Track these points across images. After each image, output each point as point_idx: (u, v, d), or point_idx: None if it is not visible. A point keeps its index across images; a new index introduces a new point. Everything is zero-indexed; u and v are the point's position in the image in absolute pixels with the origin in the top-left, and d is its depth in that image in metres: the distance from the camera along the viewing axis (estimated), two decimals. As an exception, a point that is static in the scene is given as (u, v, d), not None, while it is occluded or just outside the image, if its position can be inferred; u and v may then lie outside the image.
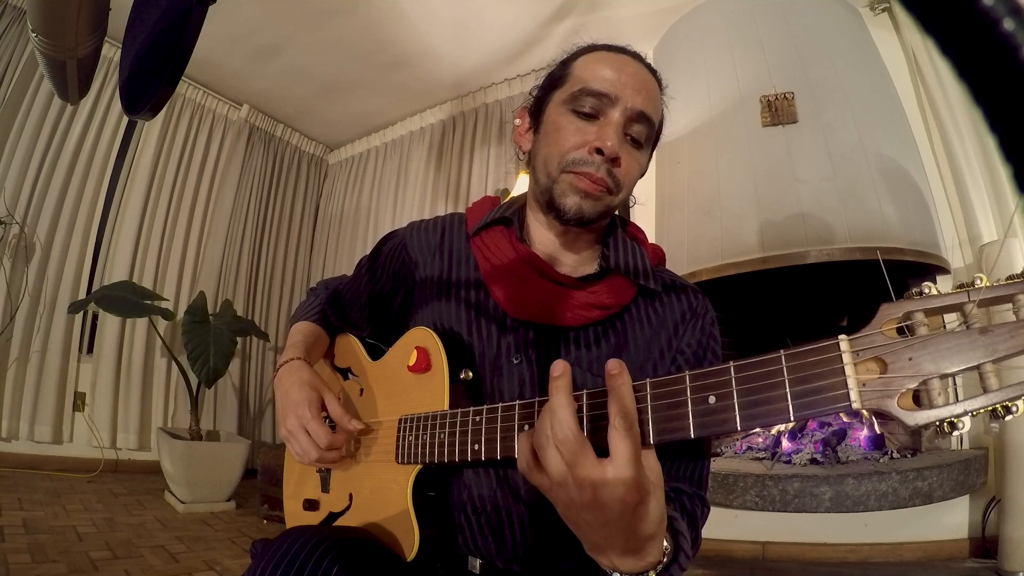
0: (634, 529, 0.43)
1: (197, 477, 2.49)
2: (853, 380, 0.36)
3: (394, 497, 0.65)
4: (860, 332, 0.37)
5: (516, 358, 0.67)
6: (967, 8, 0.13)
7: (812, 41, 2.39)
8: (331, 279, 0.93)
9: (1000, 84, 0.13)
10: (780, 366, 0.39)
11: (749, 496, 1.96)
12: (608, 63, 0.68)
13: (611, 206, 0.68)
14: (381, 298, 0.81)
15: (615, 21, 2.76)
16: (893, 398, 0.35)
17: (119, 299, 2.61)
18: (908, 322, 0.37)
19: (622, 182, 0.67)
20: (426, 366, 0.65)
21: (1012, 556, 1.74)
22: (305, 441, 0.70)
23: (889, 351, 0.36)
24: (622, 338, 0.69)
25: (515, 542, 0.63)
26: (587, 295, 0.68)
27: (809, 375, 0.38)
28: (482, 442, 0.55)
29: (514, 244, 0.71)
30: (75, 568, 1.55)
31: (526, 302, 0.68)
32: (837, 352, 0.37)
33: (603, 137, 0.64)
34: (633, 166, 0.68)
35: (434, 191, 3.47)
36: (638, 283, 0.70)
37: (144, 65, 0.51)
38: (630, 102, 0.65)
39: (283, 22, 2.85)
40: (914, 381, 0.35)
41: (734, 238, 2.26)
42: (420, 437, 0.63)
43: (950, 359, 0.34)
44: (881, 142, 2.21)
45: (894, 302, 0.38)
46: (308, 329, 0.84)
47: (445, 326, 0.71)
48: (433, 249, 0.77)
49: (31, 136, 2.78)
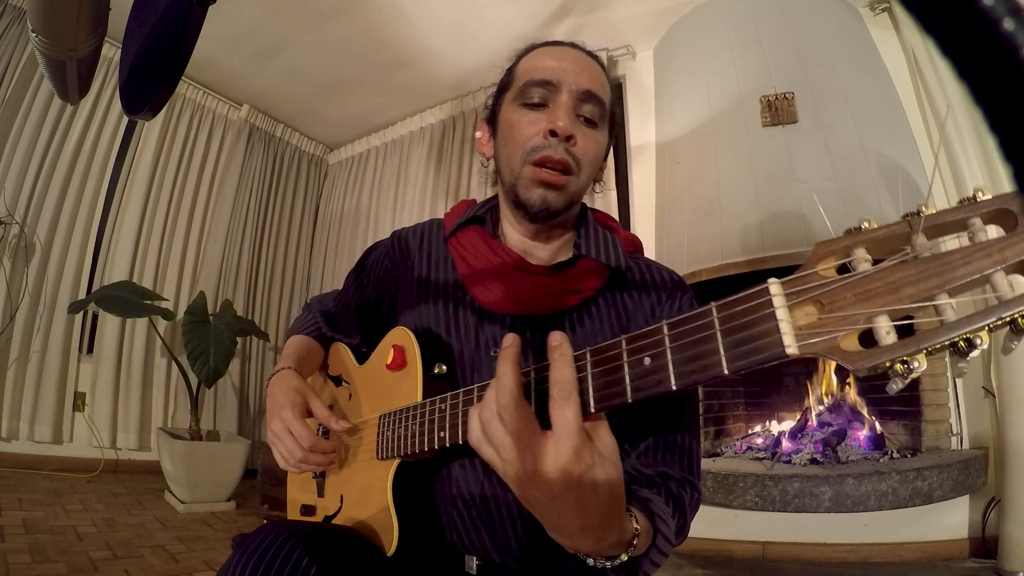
0: (583, 504, 0.42)
1: (197, 477, 2.49)
2: (787, 324, 0.33)
3: (377, 493, 0.66)
4: (794, 274, 0.34)
5: (494, 351, 0.68)
6: (967, 8, 0.13)
7: (812, 41, 2.39)
8: (324, 294, 0.96)
9: (1000, 84, 0.13)
10: (711, 318, 0.37)
11: (749, 496, 1.96)
12: (547, 54, 0.72)
13: (575, 191, 0.70)
14: (368, 307, 0.84)
15: (615, 21, 2.76)
16: (835, 341, 0.32)
17: (119, 299, 2.61)
18: (848, 258, 0.33)
19: (581, 160, 0.68)
20: (402, 363, 0.67)
21: (1012, 556, 1.74)
22: (289, 442, 0.71)
23: (827, 291, 0.33)
24: (598, 323, 0.70)
25: (507, 535, 0.63)
26: (560, 282, 0.70)
27: (740, 324, 0.35)
28: (447, 428, 0.56)
29: (487, 241, 0.73)
30: (75, 568, 1.55)
31: (502, 296, 0.69)
32: (768, 297, 0.34)
33: (554, 119, 0.67)
34: (590, 144, 0.69)
35: (434, 191, 3.47)
36: (610, 267, 0.71)
37: (144, 65, 0.51)
38: (574, 84, 0.68)
39: (283, 22, 2.85)
40: (857, 320, 0.31)
41: (734, 238, 2.26)
42: (396, 431, 0.64)
43: (896, 293, 0.30)
44: (881, 142, 2.21)
45: (830, 239, 0.34)
46: (300, 342, 0.88)
47: (424, 326, 0.73)
48: (414, 254, 0.80)
49: (31, 136, 2.77)
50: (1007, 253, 0.28)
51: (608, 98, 0.72)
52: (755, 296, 0.35)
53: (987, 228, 0.30)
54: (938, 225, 0.31)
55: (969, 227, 0.30)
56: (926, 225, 0.31)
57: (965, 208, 0.31)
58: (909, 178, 2.20)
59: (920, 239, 0.31)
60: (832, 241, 0.34)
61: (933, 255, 0.30)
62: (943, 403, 2.06)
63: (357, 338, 0.87)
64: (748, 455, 2.29)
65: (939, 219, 0.31)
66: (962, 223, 0.31)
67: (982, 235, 0.30)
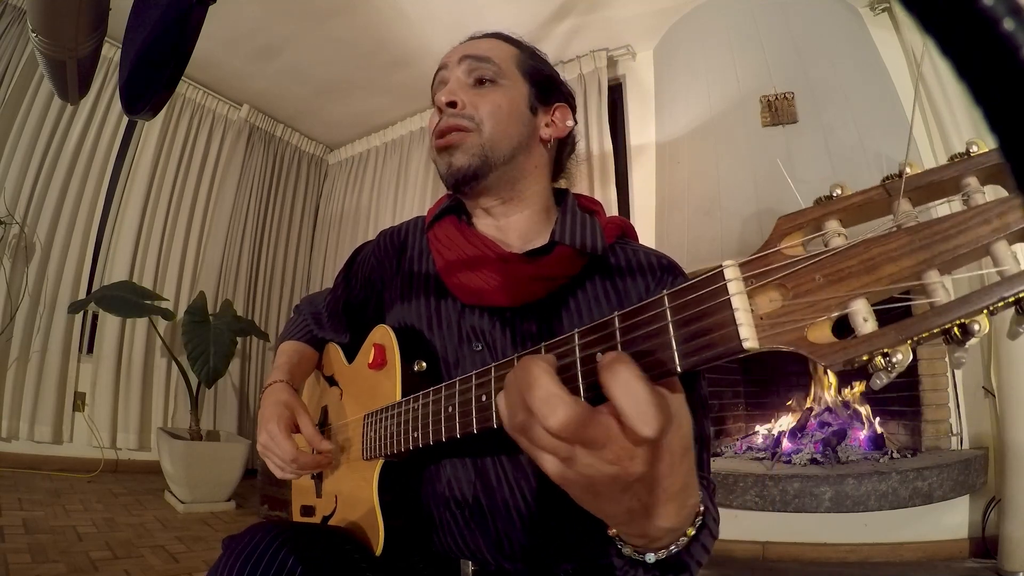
0: (673, 466, 0.33)
1: (197, 477, 2.49)
2: (744, 314, 0.28)
3: (364, 494, 0.66)
4: (754, 253, 0.29)
5: (477, 345, 0.68)
6: (967, 8, 0.13)
7: (812, 41, 2.39)
8: (314, 294, 0.96)
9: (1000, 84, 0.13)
10: (663, 308, 0.32)
11: (749, 496, 1.96)
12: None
13: (480, 145, 0.68)
14: (357, 306, 0.84)
15: (615, 21, 2.76)
16: (802, 332, 0.27)
17: (119, 299, 2.61)
18: (819, 233, 0.28)
19: (475, 116, 0.69)
20: (382, 361, 0.67)
21: (1012, 556, 1.74)
22: (274, 456, 0.73)
23: (792, 273, 0.27)
24: (575, 313, 0.67)
25: (502, 537, 0.62)
26: (532, 268, 0.67)
27: (694, 314, 0.30)
28: (419, 428, 0.56)
29: (461, 229, 0.73)
30: (75, 568, 1.55)
31: (477, 287, 0.68)
32: (723, 282, 0.29)
33: (437, 99, 0.70)
34: (481, 101, 0.69)
35: (434, 191, 3.47)
36: (586, 253, 0.68)
37: (144, 65, 0.51)
38: (456, 57, 0.72)
39: (283, 22, 2.85)
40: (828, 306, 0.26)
41: (734, 238, 2.26)
42: (377, 431, 0.65)
43: (875, 272, 0.25)
44: (881, 142, 2.21)
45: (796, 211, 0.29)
46: (292, 348, 0.88)
47: (407, 323, 0.73)
48: (398, 252, 0.80)
49: (31, 136, 2.77)
50: (1009, 218, 0.23)
51: (504, 55, 0.73)
52: (709, 282, 0.30)
53: (984, 189, 0.25)
54: (925, 187, 0.26)
55: (963, 188, 0.25)
56: (910, 188, 0.26)
57: (957, 165, 0.25)
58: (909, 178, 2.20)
59: (903, 205, 0.26)
60: (797, 213, 0.29)
61: (920, 224, 0.25)
62: (943, 403, 2.06)
63: (347, 337, 0.87)
64: (748, 455, 2.29)
65: (926, 179, 0.26)
66: (954, 183, 0.25)
67: (979, 197, 0.24)
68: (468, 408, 0.48)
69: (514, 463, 0.62)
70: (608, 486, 0.33)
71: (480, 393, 0.47)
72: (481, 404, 0.47)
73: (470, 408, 0.48)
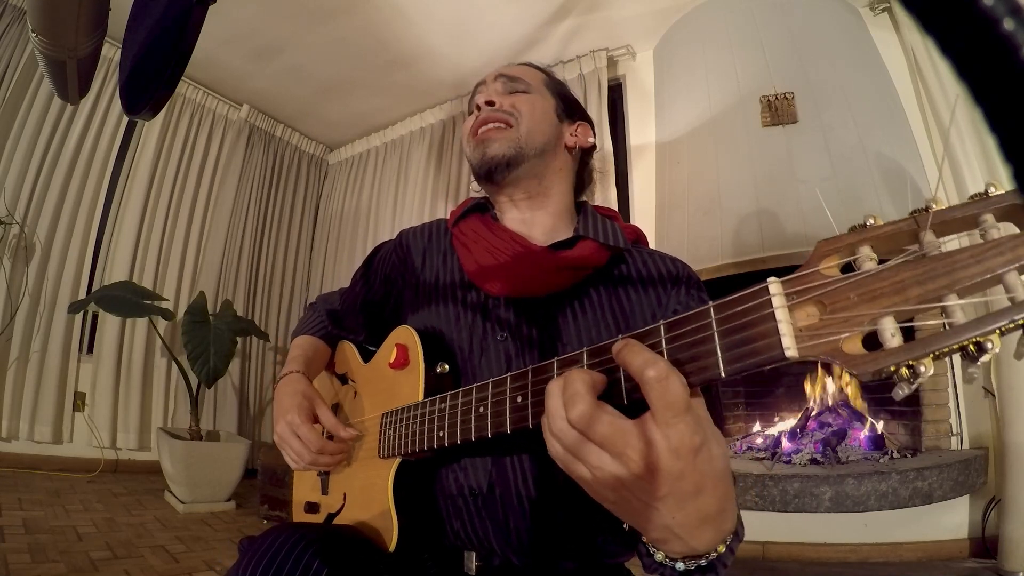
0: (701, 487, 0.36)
1: (197, 477, 2.49)
2: (786, 326, 0.31)
3: (379, 492, 0.66)
4: (795, 273, 0.33)
5: (501, 335, 0.69)
6: (967, 8, 0.13)
7: (812, 41, 2.39)
8: (329, 293, 0.97)
9: (1000, 84, 0.13)
10: (709, 319, 0.35)
11: (749, 496, 1.96)
12: None
13: (517, 138, 0.74)
14: (375, 304, 0.85)
15: (615, 21, 2.76)
16: (837, 344, 0.30)
17: (119, 299, 2.61)
18: (852, 257, 0.31)
19: (514, 112, 0.76)
20: (404, 361, 0.68)
21: (1012, 556, 1.74)
22: (297, 445, 0.72)
23: (829, 291, 0.31)
24: (599, 306, 0.70)
25: (511, 528, 0.63)
26: (557, 259, 0.70)
27: (739, 325, 0.34)
28: (446, 427, 0.56)
29: (487, 224, 0.77)
30: (75, 568, 1.55)
31: (502, 279, 0.70)
32: (767, 296, 0.33)
33: (478, 101, 0.79)
34: (521, 99, 0.77)
35: (434, 191, 3.47)
36: (609, 246, 0.73)
37: (144, 65, 0.51)
38: (491, 76, 0.81)
39: (283, 22, 2.85)
40: (860, 322, 0.30)
41: (734, 238, 2.26)
42: (397, 430, 0.65)
43: (903, 294, 0.28)
44: (881, 142, 2.21)
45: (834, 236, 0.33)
46: (306, 343, 0.88)
47: (430, 323, 0.74)
48: (421, 251, 0.82)
49: (31, 136, 2.77)
50: (1021, 251, 0.26)
51: (534, 77, 0.82)
52: (754, 296, 0.34)
53: (1000, 225, 0.28)
54: (948, 222, 0.29)
55: (980, 224, 0.28)
56: (935, 222, 0.29)
57: (976, 204, 0.29)
58: (909, 178, 2.20)
59: (928, 236, 0.29)
60: (835, 239, 0.32)
61: (942, 253, 0.28)
62: (943, 403, 2.07)
63: (362, 335, 0.88)
64: (748, 455, 2.29)
65: (949, 215, 0.29)
66: (973, 220, 0.29)
67: (994, 232, 0.28)
68: (502, 408, 0.49)
69: (532, 457, 0.63)
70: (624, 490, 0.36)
71: (516, 394, 0.48)
72: (516, 404, 0.48)
73: (503, 408, 0.49)
